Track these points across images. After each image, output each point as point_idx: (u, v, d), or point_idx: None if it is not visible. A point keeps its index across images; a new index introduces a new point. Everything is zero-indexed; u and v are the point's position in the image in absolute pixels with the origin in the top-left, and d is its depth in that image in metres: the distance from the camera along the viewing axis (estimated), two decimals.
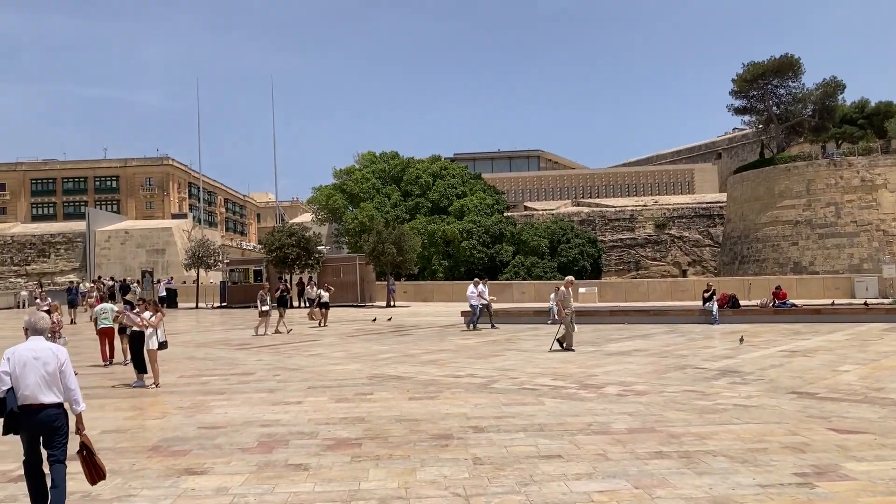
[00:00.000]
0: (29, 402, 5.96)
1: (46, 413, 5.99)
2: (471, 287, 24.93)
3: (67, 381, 6.13)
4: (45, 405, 5.99)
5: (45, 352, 6.11)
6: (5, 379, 5.95)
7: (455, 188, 57.20)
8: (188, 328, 28.96)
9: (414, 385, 13.27)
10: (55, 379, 6.05)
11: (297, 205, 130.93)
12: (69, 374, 6.18)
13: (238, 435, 9.48)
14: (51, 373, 6.04)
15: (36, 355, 6.07)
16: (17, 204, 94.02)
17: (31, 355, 6.06)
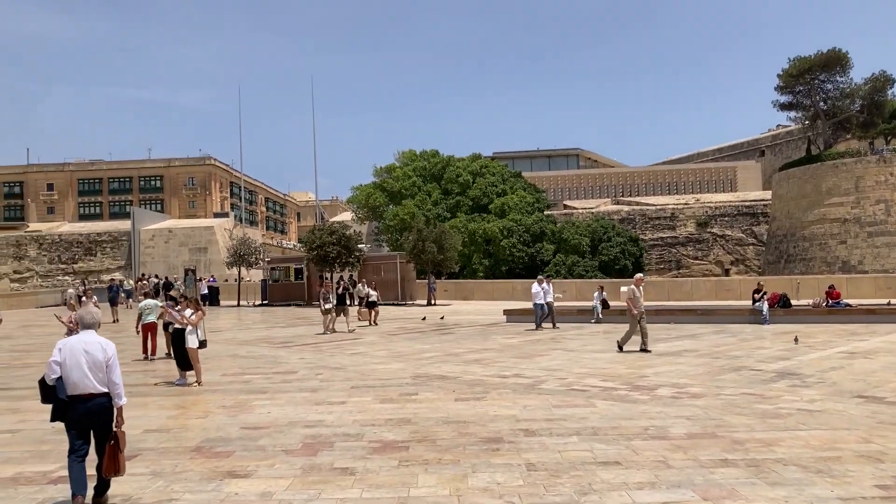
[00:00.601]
0: (77, 391, 6.26)
1: (95, 402, 6.30)
2: (535, 286, 24.31)
3: (112, 374, 6.39)
4: (93, 395, 6.30)
5: (93, 345, 6.40)
6: (55, 368, 6.29)
7: (495, 186, 56.74)
8: (230, 326, 29.02)
9: (459, 385, 12.93)
10: (101, 371, 6.33)
11: (337, 203, 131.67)
12: (115, 368, 6.44)
13: (282, 436, 9.23)
14: (98, 365, 6.32)
15: (85, 348, 6.35)
16: (65, 204, 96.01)
17: (80, 347, 6.35)
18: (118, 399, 6.42)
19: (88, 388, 6.30)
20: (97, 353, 6.37)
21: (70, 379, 6.28)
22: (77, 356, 6.33)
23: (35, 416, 10.93)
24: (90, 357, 6.34)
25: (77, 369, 6.29)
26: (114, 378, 6.39)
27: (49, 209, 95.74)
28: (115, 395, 6.40)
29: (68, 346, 6.41)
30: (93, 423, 6.36)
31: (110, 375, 6.37)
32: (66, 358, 6.34)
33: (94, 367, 6.32)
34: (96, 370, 6.32)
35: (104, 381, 6.36)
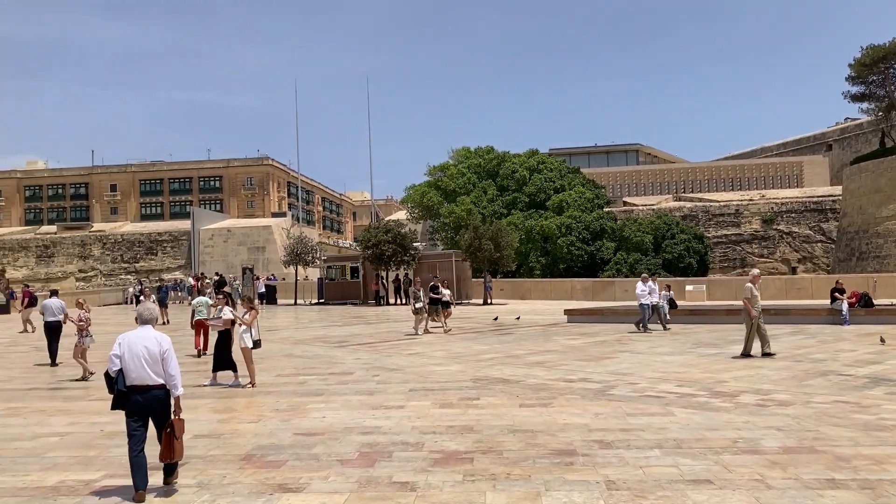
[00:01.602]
0: (135, 382, 6.64)
1: (151, 393, 6.66)
2: (640, 284, 22.63)
3: (168, 366, 6.73)
4: (150, 386, 6.65)
5: (150, 339, 6.76)
6: (115, 361, 6.70)
7: (553, 182, 55.58)
8: (287, 324, 28.79)
9: (523, 390, 12.18)
10: (157, 363, 6.68)
11: (392, 203, 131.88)
12: (170, 361, 6.76)
13: (337, 444, 8.64)
14: (154, 358, 6.68)
15: (143, 342, 6.71)
16: (128, 204, 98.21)
17: (138, 341, 6.72)
18: (174, 390, 6.74)
19: (145, 379, 6.64)
20: (153, 347, 6.70)
21: (128, 371, 6.65)
22: (135, 349, 6.67)
23: (85, 419, 10.60)
24: (147, 350, 6.68)
25: (134, 362, 6.64)
26: (170, 370, 6.72)
27: (112, 209, 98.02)
28: (172, 386, 6.73)
29: (127, 340, 6.77)
30: (150, 413, 6.71)
31: (166, 368, 6.71)
32: (124, 351, 6.70)
33: (151, 360, 6.66)
34: (152, 363, 6.66)
35: (160, 374, 6.70)
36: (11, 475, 7.61)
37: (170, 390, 6.76)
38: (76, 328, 14.83)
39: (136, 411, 6.68)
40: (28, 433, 9.68)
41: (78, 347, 14.61)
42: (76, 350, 14.65)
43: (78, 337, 14.72)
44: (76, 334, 14.83)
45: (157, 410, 6.73)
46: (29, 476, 7.54)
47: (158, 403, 6.72)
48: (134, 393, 6.64)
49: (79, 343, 14.63)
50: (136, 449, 6.63)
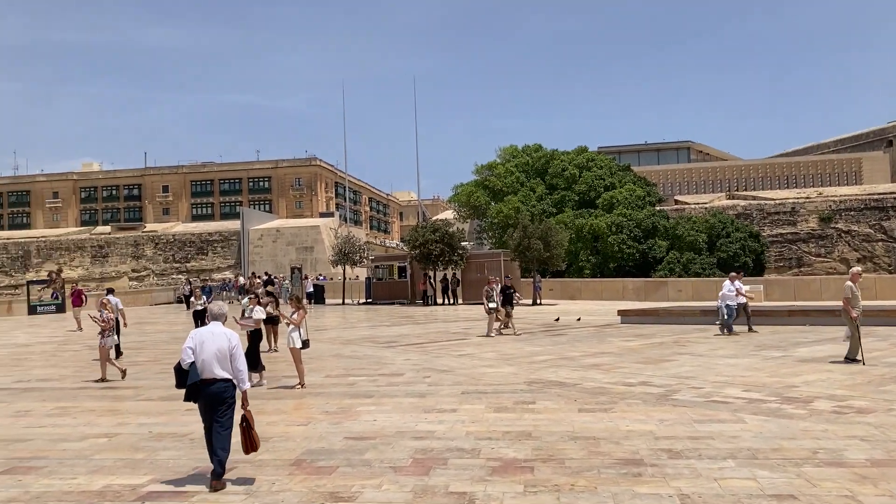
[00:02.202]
0: (206, 375, 6.95)
1: (218, 386, 6.96)
2: (727, 283, 21.28)
3: (236, 362, 7.05)
4: (216, 379, 6.96)
5: (219, 335, 7.10)
6: (189, 353, 7.00)
7: (603, 180, 54.53)
8: (335, 324, 28.65)
9: (581, 393, 11.66)
10: (226, 358, 7.00)
11: (439, 203, 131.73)
12: (238, 356, 7.08)
13: (389, 449, 8.27)
14: (223, 353, 7.00)
15: (213, 338, 7.05)
16: (179, 205, 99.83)
17: (209, 337, 7.07)
18: (242, 384, 7.06)
19: (213, 373, 6.97)
20: (222, 342, 7.04)
21: (199, 364, 6.97)
22: (205, 344, 7.01)
23: (134, 419, 10.43)
24: (216, 345, 7.01)
25: (205, 356, 6.97)
26: (238, 365, 7.05)
27: (164, 210, 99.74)
28: (240, 380, 7.05)
29: (199, 335, 7.13)
30: (216, 404, 7.00)
31: (234, 363, 7.04)
32: (196, 345, 7.04)
33: (220, 355, 6.99)
34: (221, 357, 6.99)
35: (228, 368, 7.02)
36: (59, 478, 7.41)
37: (237, 384, 7.07)
38: (98, 329, 14.57)
39: (205, 403, 7.02)
40: (77, 434, 9.53)
41: (103, 349, 14.43)
42: (101, 351, 14.46)
43: (100, 338, 14.48)
44: (98, 335, 14.60)
45: (222, 403, 7.01)
46: (76, 479, 7.33)
47: (223, 395, 7.00)
48: (204, 385, 6.97)
49: (102, 344, 14.40)
50: (210, 436, 7.03)
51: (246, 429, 7.05)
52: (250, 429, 7.06)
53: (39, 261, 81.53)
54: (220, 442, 6.97)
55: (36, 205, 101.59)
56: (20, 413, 11.24)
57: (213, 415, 7.00)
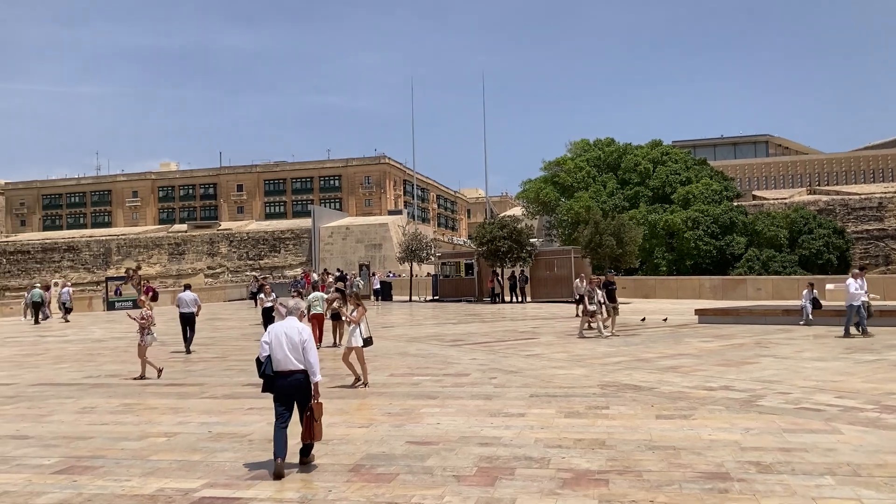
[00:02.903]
0: (281, 367, 7.30)
1: (294, 378, 7.29)
2: (851, 282, 19.36)
3: (309, 355, 7.35)
4: (292, 371, 7.29)
5: (293, 329, 7.43)
6: (265, 347, 7.39)
7: (678, 174, 52.82)
8: (401, 321, 28.40)
9: (658, 398, 10.96)
10: (299, 351, 7.31)
11: (507, 199, 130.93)
12: (310, 349, 7.38)
13: (452, 455, 7.80)
14: (296, 346, 7.32)
15: (286, 331, 7.39)
16: (253, 203, 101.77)
17: (283, 331, 7.40)
18: (314, 376, 7.33)
19: (289, 365, 7.30)
20: (295, 336, 7.36)
21: (275, 357, 7.32)
22: (280, 338, 7.36)
23: (195, 418, 10.26)
24: (290, 339, 7.34)
25: (280, 349, 7.32)
26: (310, 358, 7.32)
27: (238, 208, 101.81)
28: (312, 372, 7.33)
29: (274, 330, 7.47)
30: (293, 395, 7.33)
31: (307, 356, 7.32)
32: (272, 339, 7.39)
33: (293, 348, 7.31)
34: (295, 350, 7.30)
35: (301, 360, 7.32)
36: (113, 479, 7.21)
37: (309, 376, 7.34)
38: (138, 326, 14.44)
39: (281, 394, 7.33)
40: (136, 432, 9.39)
41: (141, 347, 14.35)
42: (140, 349, 14.39)
43: (140, 335, 14.37)
44: (138, 332, 14.48)
45: (297, 393, 7.33)
46: (129, 482, 7.11)
47: (299, 387, 7.31)
48: (280, 377, 7.29)
49: (141, 342, 14.31)
50: (279, 427, 7.29)
51: (310, 418, 7.27)
52: (313, 420, 7.27)
53: (120, 258, 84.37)
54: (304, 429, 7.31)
55: (117, 204, 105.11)
56: (86, 409, 11.24)
57: (288, 406, 7.34)
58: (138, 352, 14.41)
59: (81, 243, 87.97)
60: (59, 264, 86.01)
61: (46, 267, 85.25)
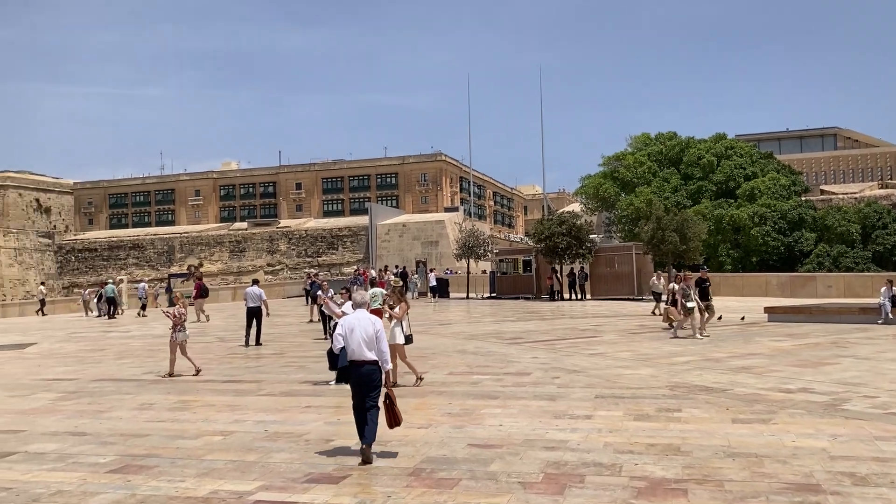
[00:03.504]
0: (355, 357, 7.58)
1: (367, 368, 7.52)
2: None
3: (380, 345, 7.60)
4: (366, 361, 7.53)
5: (365, 321, 7.66)
6: (340, 340, 7.69)
7: (743, 168, 51.12)
8: (459, 318, 28.06)
9: (732, 401, 10.35)
10: (372, 342, 7.55)
11: (564, 196, 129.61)
12: (382, 340, 7.64)
13: (517, 460, 7.39)
14: (369, 337, 7.57)
15: (360, 323, 7.62)
16: (311, 201, 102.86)
17: (356, 323, 7.64)
18: (385, 364, 7.60)
19: (362, 356, 7.55)
20: (369, 328, 7.60)
21: (349, 348, 7.60)
22: (354, 330, 7.60)
23: (252, 416, 10.07)
24: (364, 331, 7.58)
25: (354, 340, 7.56)
26: (381, 347, 7.59)
27: (297, 206, 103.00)
28: (383, 361, 7.59)
29: (348, 322, 7.72)
30: (365, 385, 7.54)
31: (379, 346, 7.57)
32: (346, 332, 7.63)
33: (367, 339, 7.54)
34: (368, 341, 7.54)
35: (374, 351, 7.56)
36: (167, 479, 7.02)
37: (381, 364, 7.58)
38: (171, 323, 14.32)
39: (356, 383, 7.61)
40: (193, 430, 9.24)
41: (173, 343, 14.25)
42: (171, 345, 14.30)
43: (172, 331, 14.24)
44: (170, 329, 14.36)
45: (369, 382, 7.54)
46: (183, 483, 6.90)
47: (371, 376, 7.53)
48: (354, 367, 7.58)
49: (173, 338, 14.21)
50: (358, 415, 7.58)
51: (389, 405, 7.50)
52: (393, 405, 7.51)
53: (182, 255, 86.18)
54: (371, 418, 7.49)
55: (180, 202, 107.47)
56: (144, 406, 11.18)
57: (363, 394, 7.56)
58: (170, 348, 14.34)
59: (146, 241, 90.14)
60: (125, 262, 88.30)
61: (113, 264, 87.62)
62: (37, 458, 8.05)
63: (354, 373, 7.61)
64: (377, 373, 7.58)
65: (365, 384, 7.55)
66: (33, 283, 76.70)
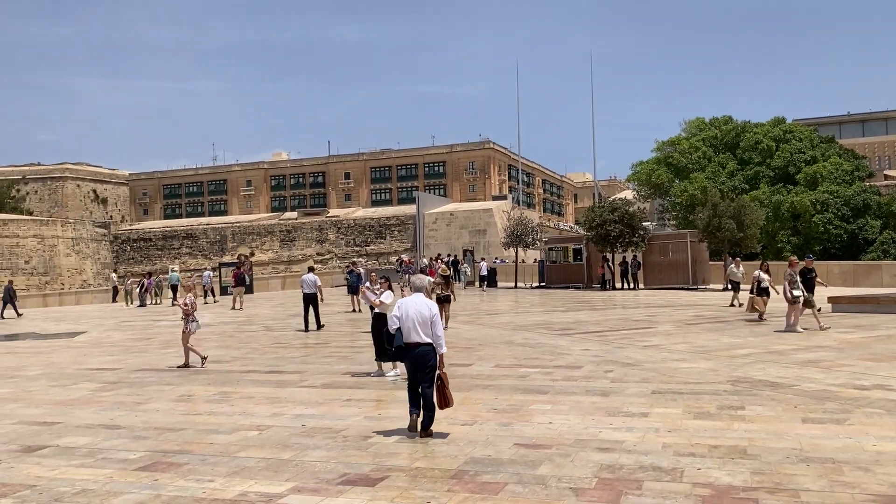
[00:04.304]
0: (410, 339, 7.87)
1: (421, 349, 7.82)
2: None
3: (435, 328, 7.88)
4: (419, 344, 7.83)
5: (421, 304, 7.97)
6: (395, 321, 7.98)
7: (803, 153, 49.18)
8: (507, 308, 27.48)
9: (801, 398, 9.60)
10: (427, 325, 7.85)
11: (615, 183, 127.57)
12: (437, 324, 7.91)
13: (568, 463, 6.83)
14: (424, 320, 7.88)
15: (416, 307, 7.92)
16: (360, 191, 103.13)
17: (412, 306, 7.94)
18: (440, 348, 7.89)
19: (416, 338, 7.86)
20: (424, 311, 7.91)
21: (404, 330, 7.90)
22: (409, 313, 7.91)
23: (290, 409, 9.69)
24: (419, 314, 7.89)
25: (408, 323, 7.88)
26: (436, 331, 7.88)
27: (346, 196, 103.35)
28: (437, 344, 7.88)
29: (404, 305, 8.01)
30: (419, 366, 7.87)
31: (434, 329, 7.86)
32: (402, 314, 7.95)
33: (421, 322, 7.85)
34: (423, 324, 7.85)
35: (429, 334, 7.86)
36: (195, 479, 6.64)
37: (435, 348, 7.85)
38: (182, 313, 13.96)
39: (410, 363, 7.96)
40: (229, 424, 8.90)
41: (186, 334, 13.89)
42: (184, 337, 13.94)
43: (184, 322, 13.87)
44: (182, 319, 13.98)
45: (424, 364, 7.84)
46: (212, 482, 6.52)
47: (425, 358, 7.83)
48: (408, 349, 7.86)
49: (186, 329, 13.85)
50: (412, 390, 8.03)
51: (441, 387, 7.77)
52: (444, 387, 7.78)
53: (234, 245, 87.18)
54: (426, 400, 7.87)
55: (232, 193, 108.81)
56: (182, 398, 10.92)
57: (417, 375, 7.89)
58: (182, 339, 13.99)
59: (199, 231, 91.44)
60: (179, 251, 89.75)
61: (167, 254, 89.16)
62: (67, 452, 7.78)
63: (409, 354, 7.91)
64: (431, 354, 7.84)
65: (420, 365, 7.86)
66: (90, 273, 78.52)
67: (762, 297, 19.42)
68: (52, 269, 70.14)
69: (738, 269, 24.50)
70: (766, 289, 19.57)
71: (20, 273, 70.46)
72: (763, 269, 19.80)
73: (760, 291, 19.46)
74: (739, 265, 24.88)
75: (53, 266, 72.77)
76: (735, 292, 24.28)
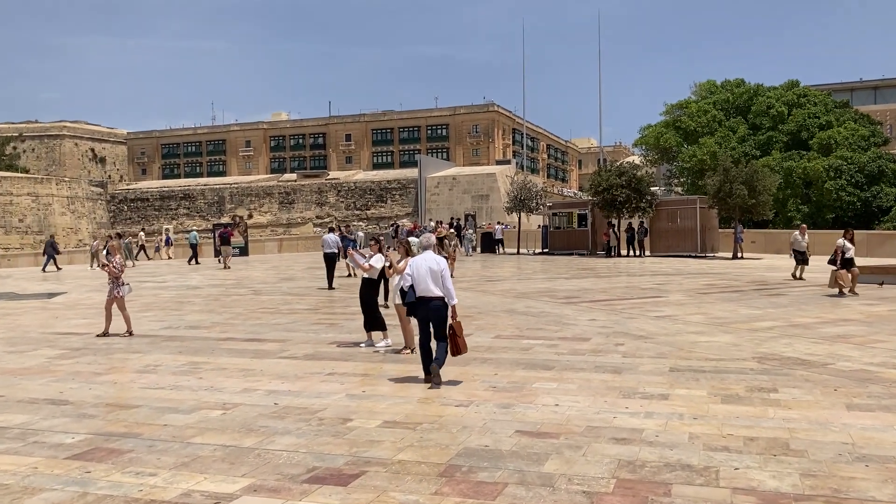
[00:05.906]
0: (423, 294, 8.32)
1: (434, 303, 8.27)
2: None
3: (446, 282, 8.30)
4: (433, 297, 8.27)
5: (432, 261, 8.38)
6: (408, 278, 8.75)
7: (817, 118, 47.64)
8: (509, 275, 26.38)
9: (838, 379, 8.51)
10: (438, 279, 8.28)
11: (621, 149, 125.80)
12: (447, 277, 8.31)
13: (579, 457, 5.75)
14: (435, 275, 8.28)
15: (427, 263, 8.35)
16: (361, 153, 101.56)
17: (423, 263, 8.37)
18: (450, 300, 8.27)
19: (429, 291, 8.25)
20: (435, 266, 8.29)
21: (418, 285, 8.31)
22: (421, 269, 8.32)
23: (264, 384, 8.63)
24: (431, 270, 8.26)
25: (421, 278, 8.28)
26: (447, 284, 8.29)
27: (347, 158, 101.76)
28: (448, 297, 8.28)
29: (416, 262, 8.46)
30: (432, 317, 8.28)
31: (444, 283, 8.26)
32: (414, 271, 8.39)
33: (433, 277, 8.25)
34: (434, 277, 8.24)
35: (440, 287, 8.25)
36: (134, 472, 5.57)
37: (447, 300, 8.26)
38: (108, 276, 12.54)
39: (423, 316, 8.34)
40: (191, 402, 7.83)
41: (110, 299, 12.49)
42: (108, 301, 12.53)
43: (111, 286, 12.43)
44: (109, 283, 12.53)
45: (437, 316, 8.26)
46: (154, 477, 5.45)
47: (437, 310, 8.25)
48: (422, 303, 8.27)
49: (115, 293, 12.38)
50: (424, 342, 8.42)
51: (453, 335, 8.21)
52: (456, 336, 8.20)
53: (232, 206, 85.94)
54: (440, 348, 8.30)
55: (231, 153, 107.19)
56: (148, 367, 9.86)
57: (430, 327, 8.31)
58: (106, 304, 12.58)
59: (197, 191, 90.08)
60: (176, 212, 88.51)
61: (164, 214, 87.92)
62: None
63: (423, 307, 8.29)
64: (444, 307, 8.24)
65: (434, 318, 8.26)
66: (85, 232, 77.42)
67: (847, 269, 17.44)
68: (46, 228, 68.96)
69: (804, 237, 22.08)
70: (850, 259, 17.50)
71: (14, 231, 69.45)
72: (847, 238, 17.78)
73: (845, 263, 17.44)
74: (805, 232, 22.39)
75: (48, 225, 71.63)
76: (798, 264, 21.88)
